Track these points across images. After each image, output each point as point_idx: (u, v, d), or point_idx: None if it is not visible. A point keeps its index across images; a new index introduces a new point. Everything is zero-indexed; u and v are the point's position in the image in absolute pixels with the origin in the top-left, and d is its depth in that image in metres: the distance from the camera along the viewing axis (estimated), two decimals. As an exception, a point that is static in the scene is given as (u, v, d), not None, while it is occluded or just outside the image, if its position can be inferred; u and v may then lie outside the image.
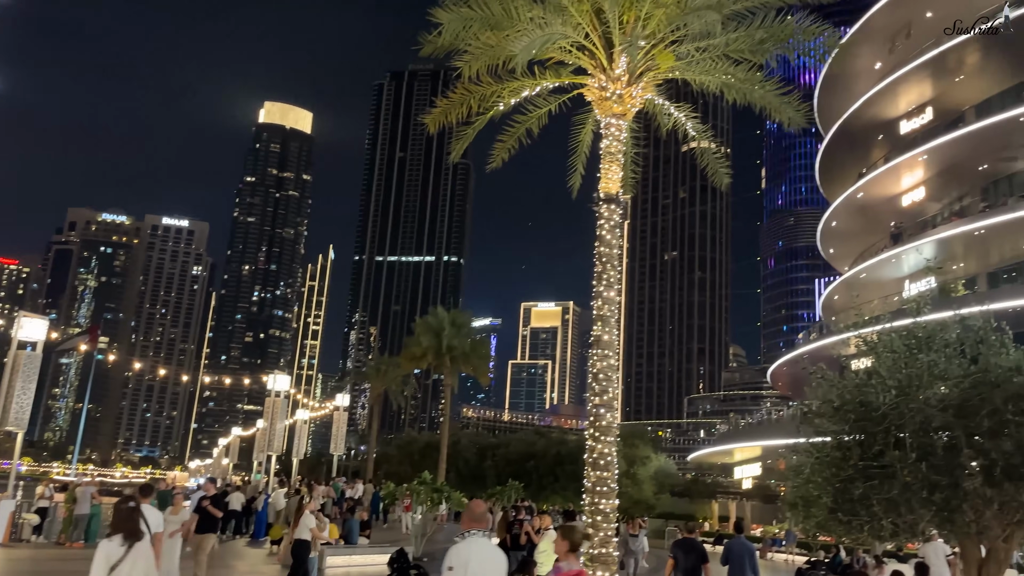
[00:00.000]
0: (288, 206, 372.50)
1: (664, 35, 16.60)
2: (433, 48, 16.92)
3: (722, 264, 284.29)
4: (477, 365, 51.92)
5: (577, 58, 17.25)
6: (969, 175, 45.63)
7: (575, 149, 20.03)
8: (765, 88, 17.17)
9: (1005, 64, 42.49)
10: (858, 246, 56.92)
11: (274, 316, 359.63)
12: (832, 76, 54.62)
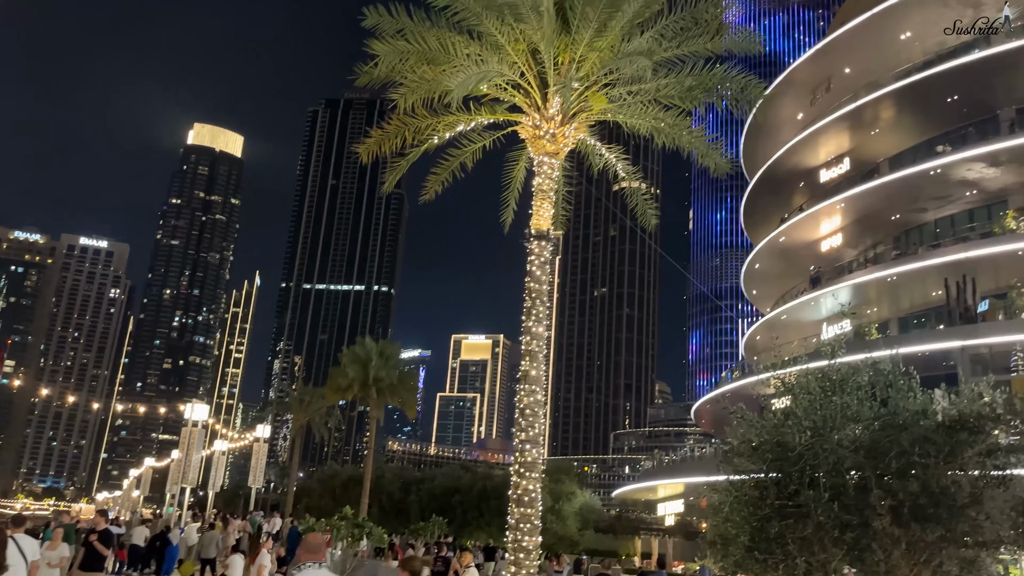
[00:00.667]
0: (214, 230, 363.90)
1: (597, 78, 17.00)
2: (369, 79, 16.93)
3: (650, 302, 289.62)
4: (405, 397, 51.28)
5: (512, 96, 17.48)
6: (883, 224, 47.79)
7: (508, 184, 20.21)
8: (693, 134, 17.72)
9: (916, 121, 44.91)
10: (779, 288, 58.80)
11: (195, 343, 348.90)
12: (757, 124, 56.74)
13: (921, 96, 42.71)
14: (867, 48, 46.21)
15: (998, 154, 38.99)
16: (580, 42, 16.16)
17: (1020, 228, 38.26)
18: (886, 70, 46.28)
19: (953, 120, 43.41)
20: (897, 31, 44.32)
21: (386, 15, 15.91)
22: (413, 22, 16.11)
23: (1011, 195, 41.68)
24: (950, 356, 35.85)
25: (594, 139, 19.30)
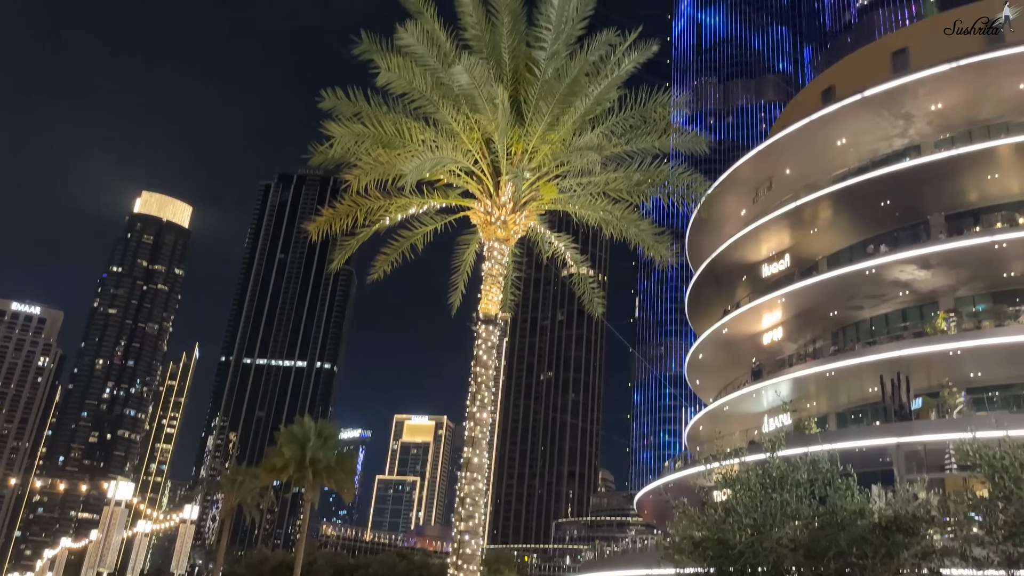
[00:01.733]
0: (155, 300, 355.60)
1: (549, 169, 17.41)
2: (324, 158, 17.05)
3: (595, 388, 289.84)
4: (342, 480, 49.78)
5: (465, 182, 17.76)
6: (822, 320, 49.13)
7: (458, 267, 20.31)
8: (640, 227, 18.15)
9: (853, 222, 46.83)
10: (722, 379, 59.49)
11: (125, 416, 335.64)
12: (702, 218, 58.43)
13: (856, 199, 44.69)
14: (806, 151, 48.42)
15: (928, 257, 40.72)
16: (533, 134, 16.59)
17: (950, 329, 39.65)
18: (824, 173, 48.45)
19: (887, 223, 45.39)
20: (833, 137, 46.63)
21: (343, 98, 16.16)
22: (370, 106, 16.40)
23: (941, 297, 43.37)
24: (886, 453, 36.45)
25: (544, 227, 19.61)
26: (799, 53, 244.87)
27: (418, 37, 16.08)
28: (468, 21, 17.16)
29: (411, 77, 15.82)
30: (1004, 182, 41.73)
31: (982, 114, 42.83)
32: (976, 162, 40.71)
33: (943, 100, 42.33)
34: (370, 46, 16.30)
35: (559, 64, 16.80)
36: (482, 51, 17.46)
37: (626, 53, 16.53)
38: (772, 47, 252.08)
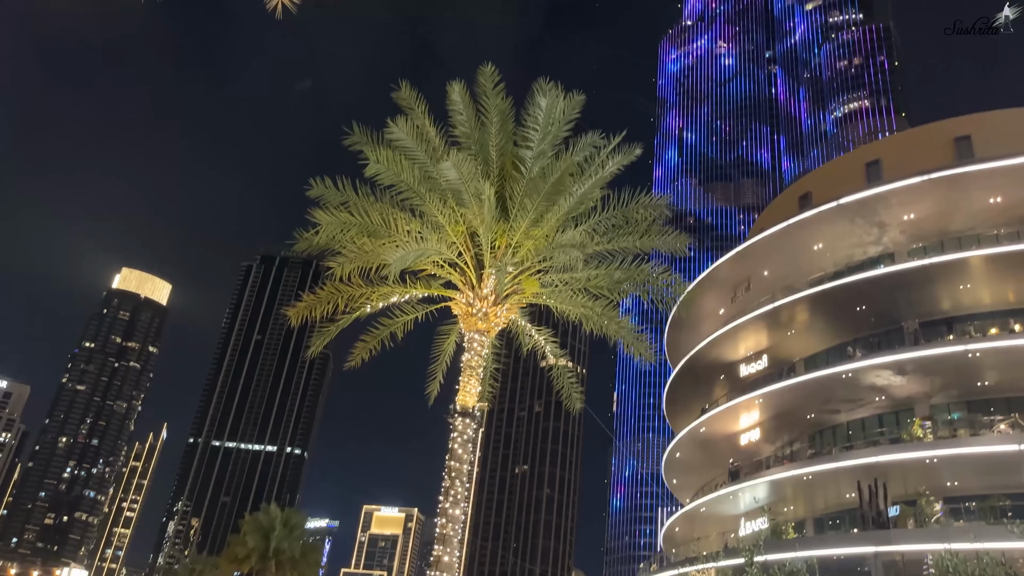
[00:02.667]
0: (126, 378, 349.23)
1: (532, 264, 17.60)
2: (308, 245, 17.16)
3: (571, 483, 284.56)
4: (305, 572, 48.02)
5: (448, 273, 17.88)
6: (799, 422, 49.02)
7: (437, 357, 20.20)
8: (620, 324, 18.26)
9: (829, 325, 47.38)
10: (699, 478, 58.74)
11: (84, 498, 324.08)
12: (681, 316, 58.96)
13: (833, 303, 45.37)
14: (783, 254, 49.38)
15: (903, 364, 41.09)
16: (517, 230, 16.84)
17: (926, 437, 39.67)
18: (801, 276, 49.31)
19: (863, 327, 45.96)
20: (810, 242, 47.68)
21: (332, 187, 16.41)
22: (358, 196, 16.64)
23: (917, 403, 43.56)
24: (864, 562, 35.80)
25: (525, 320, 19.67)
26: (777, 161, 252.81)
27: (408, 132, 16.49)
28: (458, 119, 17.65)
29: (399, 170, 16.13)
30: (976, 292, 42.62)
31: (953, 225, 44.09)
32: (948, 272, 41.66)
33: (915, 211, 43.62)
34: (361, 137, 16.67)
35: (545, 163, 17.23)
36: (471, 148, 17.91)
37: (610, 155, 17.00)
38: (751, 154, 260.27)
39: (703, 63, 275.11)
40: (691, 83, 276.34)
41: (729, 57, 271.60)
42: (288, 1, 12.06)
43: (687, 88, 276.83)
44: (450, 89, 17.43)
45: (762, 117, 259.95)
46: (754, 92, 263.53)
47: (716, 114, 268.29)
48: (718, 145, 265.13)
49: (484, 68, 17.50)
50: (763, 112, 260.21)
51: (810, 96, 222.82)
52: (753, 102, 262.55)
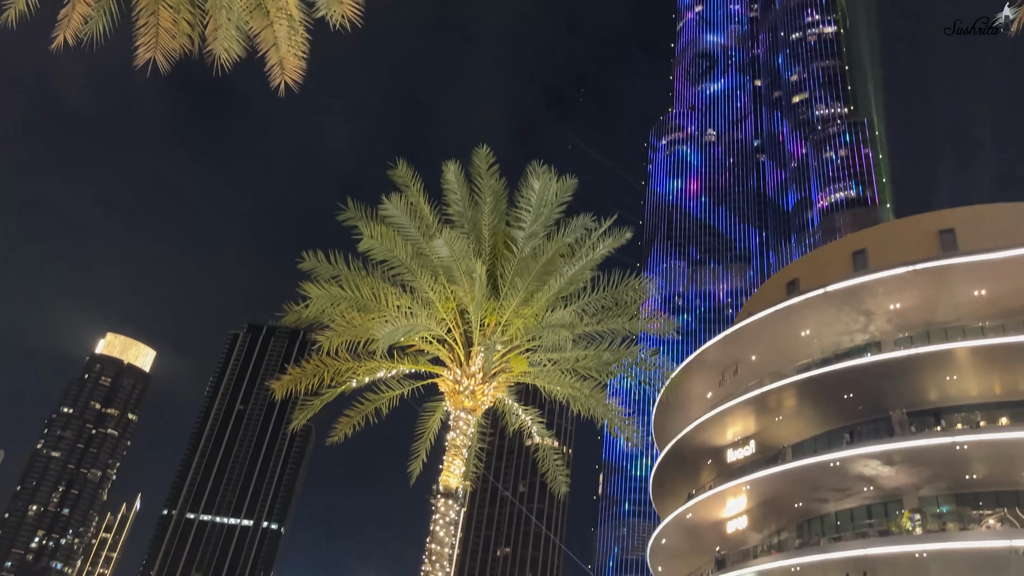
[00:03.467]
0: (103, 445, 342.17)
1: (521, 342, 17.57)
2: (297, 318, 17.11)
3: (555, 568, 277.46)
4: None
5: (437, 350, 17.81)
6: (787, 510, 48.25)
7: (421, 435, 19.94)
8: (608, 407, 18.14)
9: (817, 412, 47.19)
10: (685, 566, 57.37)
11: (51, 570, 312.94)
12: (668, 398, 58.67)
13: (820, 389, 45.31)
14: (771, 340, 49.52)
15: (891, 454, 40.81)
16: (507, 308, 16.87)
17: (915, 530, 39.09)
18: (788, 361, 49.36)
19: (851, 415, 45.78)
20: (797, 328, 47.92)
21: (324, 261, 16.48)
22: (350, 270, 16.69)
23: (905, 495, 43.06)
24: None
25: (512, 399, 19.51)
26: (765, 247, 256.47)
27: (403, 209, 16.69)
28: (452, 198, 17.91)
29: (392, 246, 16.26)
30: (963, 384, 42.69)
31: (939, 316, 44.48)
32: (934, 362, 41.83)
33: (901, 300, 44.06)
34: (355, 213, 16.85)
35: (536, 243, 17.42)
36: (463, 226, 18.11)
37: (601, 238, 17.21)
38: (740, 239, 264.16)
39: (692, 150, 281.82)
40: (680, 168, 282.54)
41: (718, 145, 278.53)
42: (290, 79, 12.33)
43: (675, 173, 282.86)
44: (445, 168, 17.74)
45: (749, 204, 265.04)
46: (742, 179, 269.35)
47: (705, 199, 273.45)
48: (707, 229, 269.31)
49: (479, 150, 17.85)
50: (751, 199, 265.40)
51: (797, 185, 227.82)
52: (741, 189, 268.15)
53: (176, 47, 11.89)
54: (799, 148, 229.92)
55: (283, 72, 12.29)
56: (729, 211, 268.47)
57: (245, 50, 12.68)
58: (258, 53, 12.40)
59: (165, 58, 12.05)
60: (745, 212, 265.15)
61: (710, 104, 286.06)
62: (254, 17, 11.96)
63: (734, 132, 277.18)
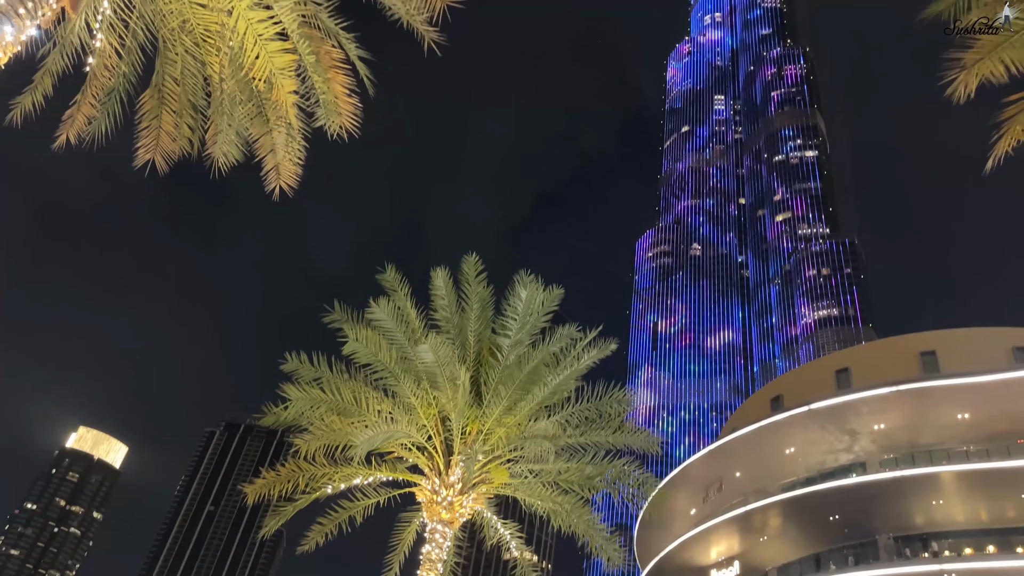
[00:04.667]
0: (64, 544, 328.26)
1: (502, 452, 17.28)
2: (276, 420, 16.82)
3: None
4: None
5: (416, 457, 17.48)
6: (772, 637, 46.50)
7: (396, 546, 19.31)
8: (591, 524, 17.68)
9: (802, 533, 46.18)
10: None
11: None
12: (651, 514, 57.33)
13: (804, 509, 44.49)
14: (755, 456, 48.96)
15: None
16: (490, 416, 16.68)
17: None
18: (773, 479, 48.64)
19: (836, 537, 44.79)
20: (782, 445, 47.48)
21: (307, 363, 16.36)
22: (332, 373, 16.55)
23: (894, 623, 41.67)
24: None
25: (491, 511, 19.03)
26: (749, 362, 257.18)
27: (389, 313, 16.73)
28: (439, 303, 18.00)
29: (376, 350, 16.21)
30: (949, 508, 42.08)
31: (923, 438, 44.28)
32: (920, 486, 41.35)
33: (886, 421, 43.93)
34: (341, 316, 16.86)
35: (521, 352, 17.40)
36: (449, 331, 18.11)
37: (586, 349, 17.23)
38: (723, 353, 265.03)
39: (677, 262, 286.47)
40: (665, 281, 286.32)
41: (703, 259, 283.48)
42: (285, 184, 12.59)
43: (661, 285, 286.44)
44: (434, 274, 17.91)
45: (734, 318, 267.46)
46: (726, 294, 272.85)
47: (689, 312, 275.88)
48: (690, 342, 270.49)
49: (468, 257, 18.09)
50: (735, 313, 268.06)
51: (780, 302, 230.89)
52: (725, 302, 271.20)
53: (176, 149, 12.17)
54: (783, 265, 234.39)
55: (279, 177, 12.55)
56: (714, 325, 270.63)
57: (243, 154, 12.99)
58: (255, 158, 12.70)
59: (164, 159, 12.31)
60: (730, 325, 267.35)
61: (695, 219, 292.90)
62: (254, 124, 12.31)
63: (719, 247, 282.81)
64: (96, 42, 10.54)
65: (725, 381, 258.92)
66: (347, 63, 12.67)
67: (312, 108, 12.40)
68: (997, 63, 10.68)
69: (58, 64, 10.89)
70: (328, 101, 12.20)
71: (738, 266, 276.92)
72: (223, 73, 11.58)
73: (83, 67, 11.06)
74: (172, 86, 12.07)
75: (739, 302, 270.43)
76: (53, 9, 8.65)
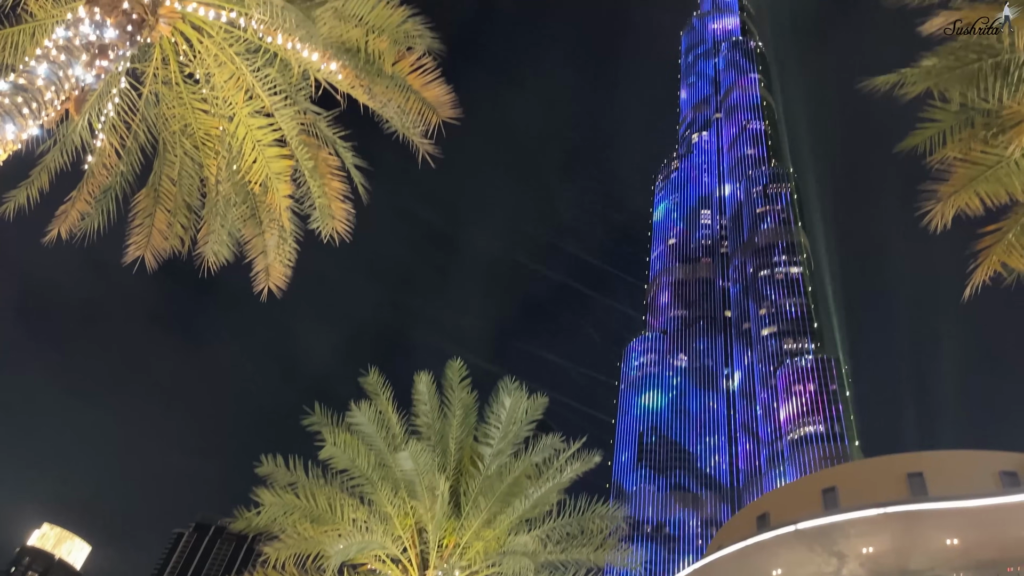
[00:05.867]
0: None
1: (480, 568, 16.71)
2: (247, 525, 16.30)
3: None
4: None
5: (390, 569, 16.87)
6: None
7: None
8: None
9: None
10: None
11: None
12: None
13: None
14: (742, 574, 47.51)
15: None
16: (468, 528, 16.23)
17: None
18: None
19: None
20: (768, 565, 46.14)
21: (282, 467, 15.99)
22: (308, 478, 16.16)
23: None
24: None
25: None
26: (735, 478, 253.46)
27: (370, 418, 16.48)
28: (421, 408, 17.78)
29: (355, 455, 15.88)
30: (941, 639, 40.66)
31: (913, 564, 43.17)
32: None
33: (874, 544, 42.93)
34: (321, 418, 16.60)
35: (503, 462, 17.08)
36: (430, 438, 17.81)
37: (569, 461, 16.94)
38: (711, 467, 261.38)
39: (664, 374, 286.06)
40: (650, 394, 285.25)
41: (689, 371, 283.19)
42: (274, 285, 12.65)
43: (647, 395, 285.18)
44: (417, 379, 17.76)
45: (720, 432, 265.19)
46: (713, 409, 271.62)
47: (675, 424, 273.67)
48: (678, 455, 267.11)
49: (453, 362, 18.01)
50: (721, 427, 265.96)
51: (766, 417, 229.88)
52: (711, 416, 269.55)
53: (167, 247, 12.27)
54: (768, 380, 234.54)
55: (268, 278, 12.62)
56: (700, 437, 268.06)
57: (233, 254, 13.09)
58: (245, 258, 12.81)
59: (154, 256, 12.39)
60: (716, 440, 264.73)
61: (682, 330, 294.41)
62: (247, 225, 12.47)
63: (705, 359, 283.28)
64: (97, 142, 10.78)
65: (711, 495, 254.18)
66: (343, 170, 12.98)
67: (305, 212, 12.61)
68: (972, 196, 11.05)
69: (57, 161, 11.09)
70: (323, 206, 12.42)
71: (724, 378, 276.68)
72: (220, 175, 11.82)
73: (81, 164, 11.27)
74: (168, 186, 12.29)
75: (726, 416, 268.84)
76: (57, 110, 8.89)
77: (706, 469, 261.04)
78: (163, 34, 10.78)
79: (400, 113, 11.89)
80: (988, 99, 11.16)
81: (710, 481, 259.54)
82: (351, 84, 11.74)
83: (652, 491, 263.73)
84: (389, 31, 11.60)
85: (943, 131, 11.79)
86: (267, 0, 9.93)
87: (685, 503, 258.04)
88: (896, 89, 12.03)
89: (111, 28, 9.30)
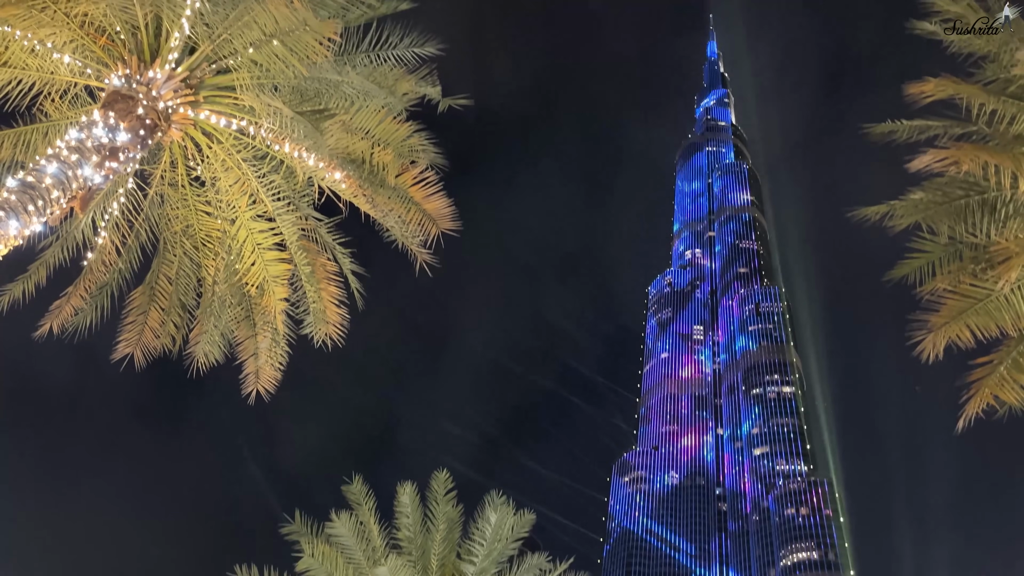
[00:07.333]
0: None
1: None
2: None
3: None
4: None
5: None
6: None
7: None
8: None
9: None
10: None
11: None
12: None
13: None
14: None
15: None
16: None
17: None
18: None
19: None
20: None
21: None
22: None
23: None
24: None
25: None
26: None
27: (351, 528, 15.98)
28: (404, 521, 17.25)
29: (332, 569, 15.29)
30: None
31: None
32: None
33: None
34: (300, 528, 16.08)
35: (486, 581, 16.46)
36: (411, 553, 17.20)
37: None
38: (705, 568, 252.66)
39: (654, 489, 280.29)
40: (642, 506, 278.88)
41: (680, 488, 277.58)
42: (263, 388, 12.51)
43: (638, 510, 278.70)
44: (400, 490, 17.33)
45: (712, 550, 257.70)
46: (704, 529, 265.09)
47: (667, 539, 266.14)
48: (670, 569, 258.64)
49: (438, 474, 17.59)
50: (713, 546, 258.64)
51: (758, 539, 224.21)
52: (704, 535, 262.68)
53: (158, 345, 12.20)
54: (761, 501, 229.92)
55: (257, 380, 12.49)
56: (693, 553, 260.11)
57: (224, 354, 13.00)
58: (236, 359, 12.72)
59: (143, 354, 12.30)
60: (710, 556, 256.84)
61: (674, 447, 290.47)
62: (240, 327, 12.45)
63: (696, 477, 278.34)
64: (99, 239, 10.90)
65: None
66: (340, 275, 13.07)
67: (299, 316, 12.62)
68: (963, 328, 11.13)
69: (57, 257, 11.18)
70: (317, 311, 12.44)
71: (715, 498, 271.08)
72: (217, 276, 11.90)
73: (81, 260, 11.35)
74: (165, 284, 12.34)
75: (718, 537, 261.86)
76: (63, 208, 9.03)
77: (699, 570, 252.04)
78: (174, 138, 11.09)
79: (401, 223, 12.09)
80: (976, 234, 11.42)
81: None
82: (354, 193, 11.99)
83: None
84: (394, 145, 11.94)
85: (932, 262, 12.01)
86: (278, 111, 10.28)
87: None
88: (885, 220, 12.32)
89: (124, 132, 9.58)
